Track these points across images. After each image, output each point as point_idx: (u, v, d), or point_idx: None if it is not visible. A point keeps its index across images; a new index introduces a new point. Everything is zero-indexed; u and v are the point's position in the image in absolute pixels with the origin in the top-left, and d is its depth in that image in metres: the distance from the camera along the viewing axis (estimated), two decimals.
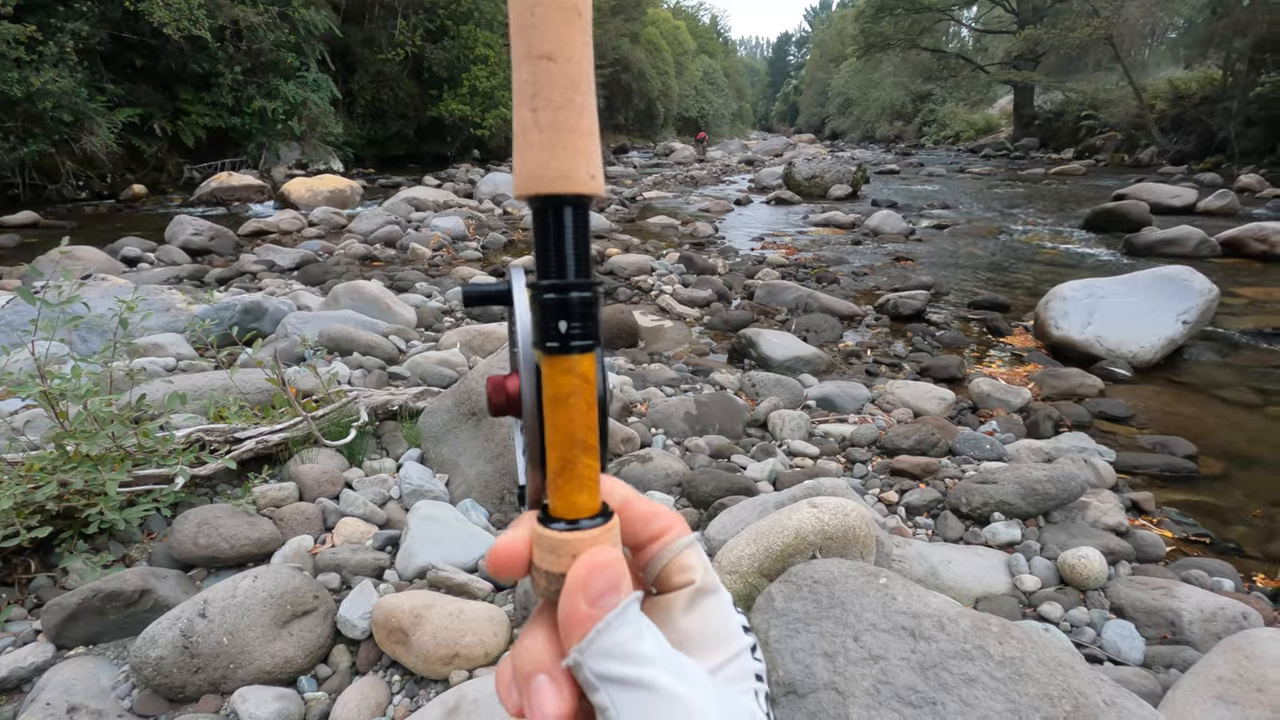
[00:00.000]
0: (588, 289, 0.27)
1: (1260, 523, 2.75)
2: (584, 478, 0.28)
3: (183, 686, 1.56)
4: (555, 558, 0.27)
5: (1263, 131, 15.55)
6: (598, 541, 0.28)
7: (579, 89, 0.26)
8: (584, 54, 0.26)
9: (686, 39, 48.13)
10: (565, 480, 0.28)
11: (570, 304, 0.27)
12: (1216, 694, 1.49)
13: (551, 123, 0.26)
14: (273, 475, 2.39)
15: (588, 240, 0.27)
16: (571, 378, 0.27)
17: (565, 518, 0.28)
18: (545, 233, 0.27)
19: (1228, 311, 5.34)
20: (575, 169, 0.26)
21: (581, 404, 0.27)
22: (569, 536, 0.27)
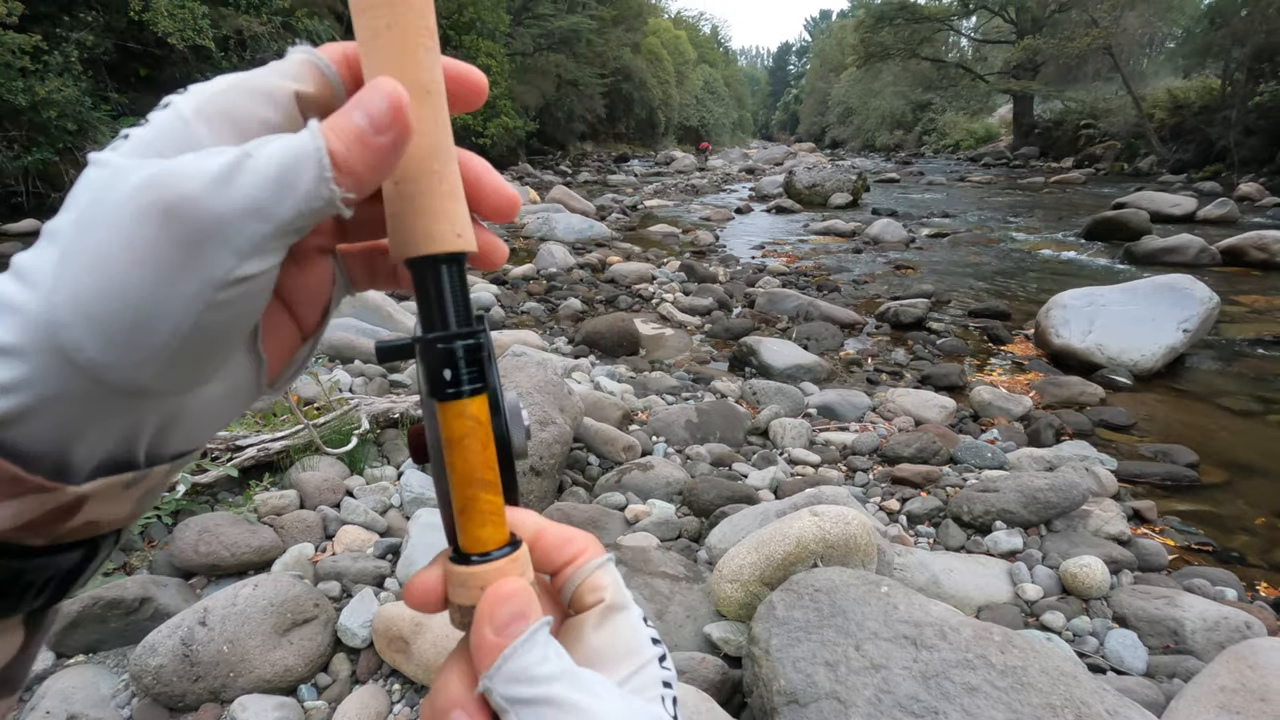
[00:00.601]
0: (470, 337, 0.29)
1: (1263, 531, 2.74)
2: (486, 513, 0.29)
3: (182, 695, 1.56)
4: (465, 590, 0.29)
5: (1262, 140, 15.61)
6: (504, 572, 0.29)
7: (435, 158, 0.27)
8: (435, 128, 0.27)
9: (687, 48, 48.43)
10: (468, 517, 0.29)
11: (453, 353, 0.28)
12: (1220, 704, 1.48)
13: (412, 193, 0.27)
14: (274, 483, 2.39)
15: (465, 293, 0.29)
16: (463, 420, 0.29)
17: (472, 552, 0.29)
18: (424, 290, 0.28)
19: (1228, 320, 5.34)
20: (440, 230, 0.28)
21: (476, 444, 0.29)
22: (475, 569, 0.29)
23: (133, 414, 0.23)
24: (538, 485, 2.47)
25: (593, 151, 31.54)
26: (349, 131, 0.24)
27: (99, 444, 0.23)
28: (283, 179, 0.22)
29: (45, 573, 0.23)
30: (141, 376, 0.21)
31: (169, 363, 0.22)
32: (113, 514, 0.25)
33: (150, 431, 0.24)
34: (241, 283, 0.22)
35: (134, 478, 0.24)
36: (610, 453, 2.88)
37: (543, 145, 27.06)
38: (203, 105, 0.23)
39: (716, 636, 1.70)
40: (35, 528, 0.22)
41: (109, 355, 0.21)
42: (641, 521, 2.37)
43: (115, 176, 0.21)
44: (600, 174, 21.81)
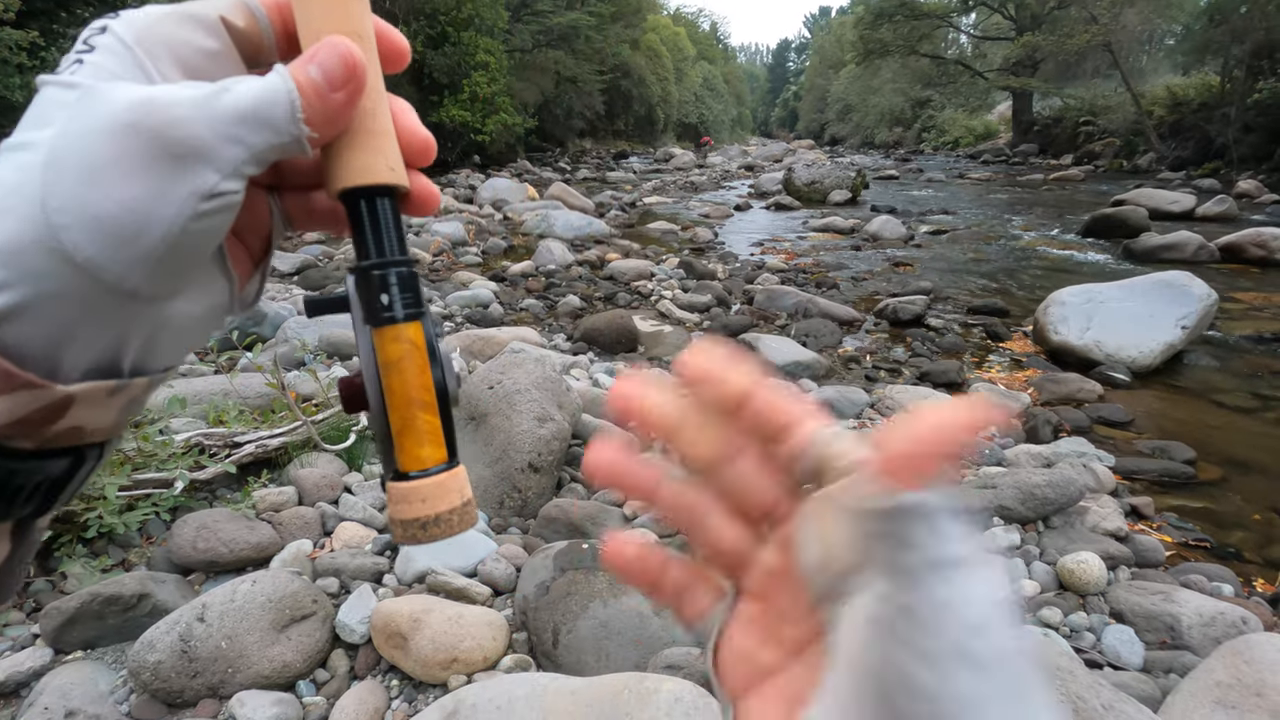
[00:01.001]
0: (404, 265, 0.30)
1: (1259, 528, 2.75)
2: (425, 432, 0.30)
3: (181, 691, 1.56)
4: (407, 505, 0.30)
5: (1261, 138, 15.60)
6: (445, 485, 0.30)
7: (368, 97, 0.28)
8: (372, 73, 0.29)
9: (686, 45, 48.34)
10: (407, 437, 0.30)
11: (388, 279, 0.29)
12: (1216, 699, 1.49)
13: (349, 129, 0.28)
14: (272, 479, 2.39)
15: (399, 224, 0.30)
16: (400, 344, 0.30)
17: (412, 469, 0.30)
18: (359, 220, 0.30)
19: (1226, 316, 5.35)
20: (374, 163, 0.29)
21: (414, 366, 0.30)
22: (416, 484, 0.30)
23: (121, 320, 0.24)
24: (536, 482, 2.47)
25: (592, 149, 31.50)
26: (308, 86, 0.26)
27: (89, 348, 0.24)
28: (258, 113, 0.25)
29: (35, 477, 0.24)
30: (134, 278, 0.23)
31: (158, 266, 0.24)
32: (97, 421, 0.25)
33: (137, 342, 0.26)
34: (220, 197, 0.24)
35: (118, 385, 0.25)
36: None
37: (541, 142, 27.01)
38: (141, 35, 0.25)
39: None
40: (25, 427, 0.23)
41: (106, 255, 0.22)
42: (640, 518, 2.38)
43: (93, 97, 0.23)
44: (599, 171, 21.78)
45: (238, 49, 0.28)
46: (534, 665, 1.72)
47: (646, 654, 1.67)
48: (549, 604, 1.77)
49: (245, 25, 0.28)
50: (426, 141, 0.31)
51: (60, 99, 0.23)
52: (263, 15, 0.28)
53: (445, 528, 0.30)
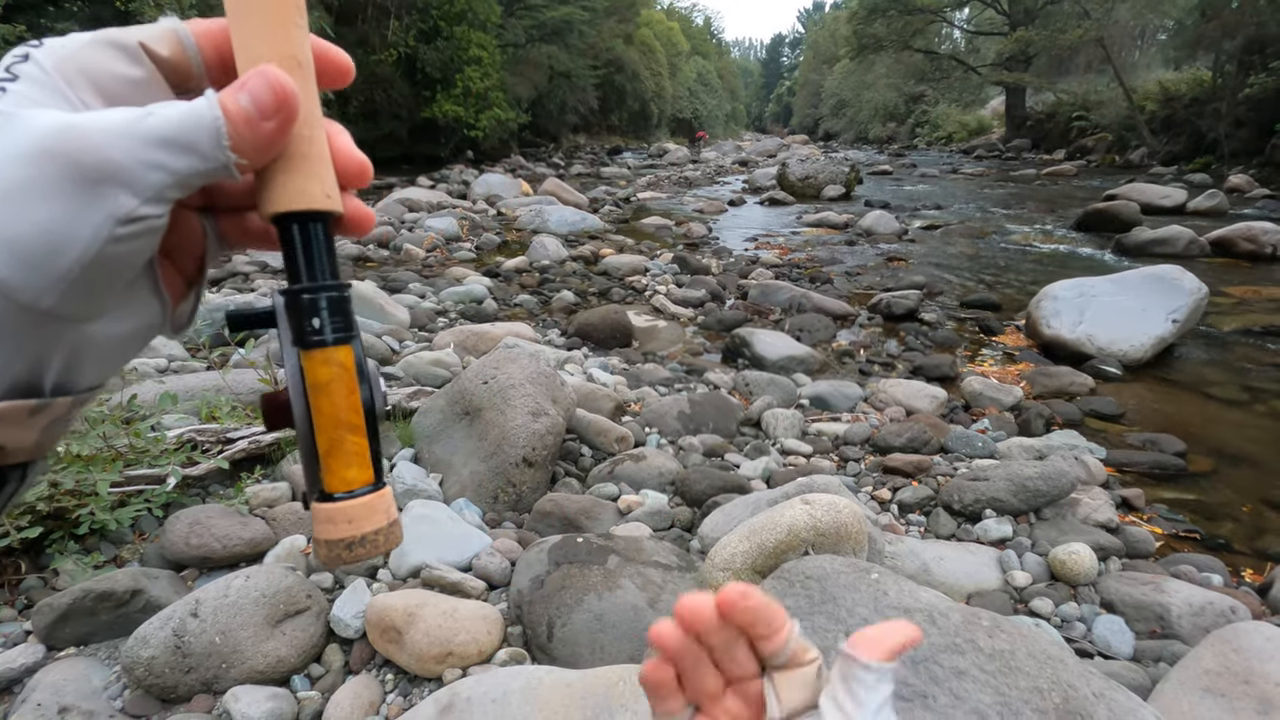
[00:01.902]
0: (335, 289, 0.30)
1: (1248, 519, 2.77)
2: (352, 453, 0.31)
3: (175, 686, 1.56)
4: (332, 526, 0.30)
5: (1252, 132, 15.68)
6: (371, 506, 0.31)
7: (306, 124, 0.29)
8: (306, 98, 0.28)
9: (680, 40, 48.20)
10: (335, 458, 0.31)
11: (319, 304, 0.30)
12: (1204, 686, 1.50)
13: (284, 154, 0.29)
14: (265, 475, 2.39)
15: (331, 249, 0.30)
16: (330, 367, 0.30)
17: (338, 491, 0.31)
18: (291, 244, 0.30)
19: (1216, 310, 5.38)
20: (310, 189, 0.29)
21: (342, 389, 0.30)
22: (342, 505, 0.30)
23: (39, 339, 0.25)
24: (531, 476, 2.47)
25: (585, 144, 31.40)
26: (237, 114, 0.26)
27: (6, 368, 0.24)
28: (181, 139, 0.25)
29: None
30: (49, 298, 0.23)
31: (74, 288, 0.24)
32: (18, 440, 0.26)
33: (58, 362, 0.26)
34: (139, 221, 0.24)
35: (38, 404, 0.25)
36: (603, 444, 2.88)
37: (535, 137, 26.90)
38: (62, 63, 0.25)
39: None
40: None
41: (19, 276, 0.23)
42: (634, 512, 2.38)
43: (12, 123, 0.23)
44: (593, 166, 21.73)
45: (165, 76, 0.28)
46: (529, 659, 1.72)
47: (641, 646, 1.67)
48: (544, 598, 1.77)
49: (171, 53, 0.28)
50: (362, 165, 0.32)
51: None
52: (191, 44, 0.28)
53: (370, 548, 0.31)
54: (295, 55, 0.28)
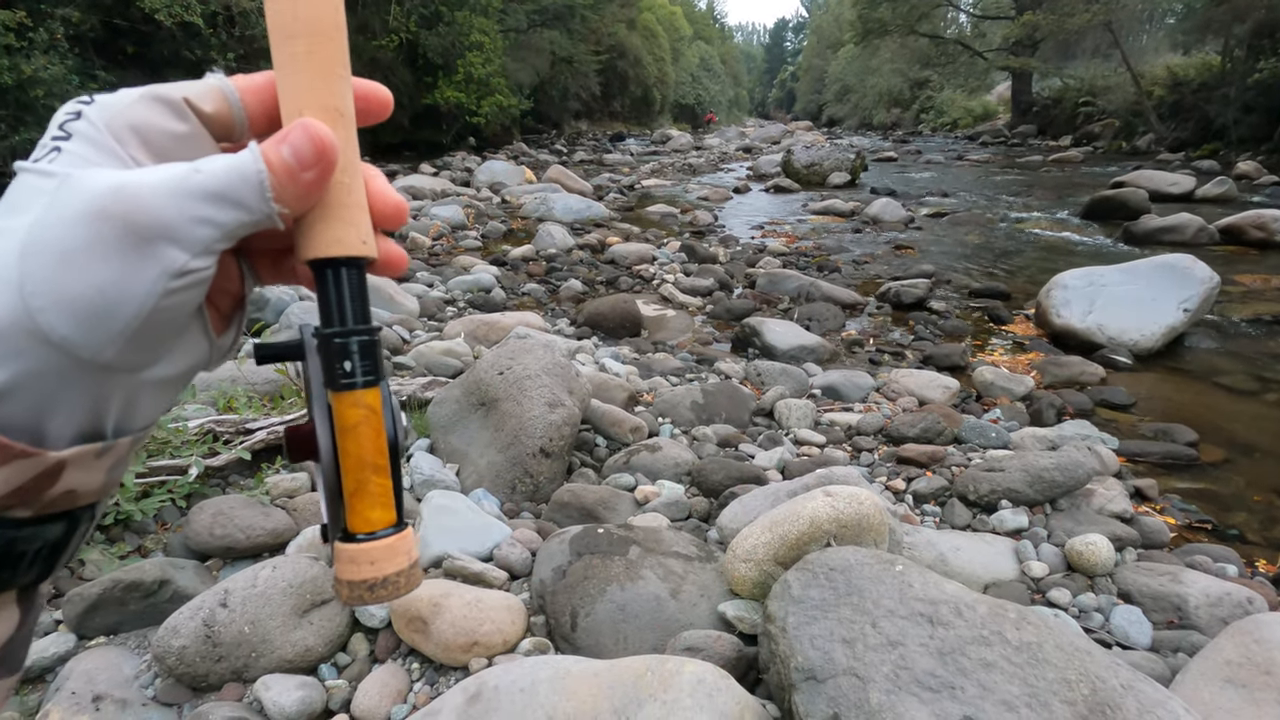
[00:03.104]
0: (366, 334, 0.31)
1: (1261, 509, 2.78)
2: (376, 495, 0.32)
3: (205, 675, 1.58)
4: (354, 566, 0.31)
5: (1261, 118, 15.53)
6: (393, 548, 0.31)
7: (345, 172, 0.30)
8: (345, 146, 0.30)
9: (683, 25, 47.74)
10: (359, 499, 0.31)
11: (350, 347, 0.31)
12: (1225, 677, 1.52)
13: (323, 201, 0.30)
14: (285, 466, 2.40)
15: (364, 294, 0.32)
16: (358, 409, 0.31)
17: (361, 531, 0.31)
18: (325, 289, 0.31)
19: (1226, 299, 5.36)
20: (347, 236, 0.30)
21: (370, 431, 0.31)
22: (365, 546, 0.31)
23: (100, 389, 0.26)
24: (548, 467, 2.49)
25: (588, 130, 31.20)
26: (279, 166, 0.27)
27: (72, 418, 0.26)
28: (228, 193, 0.26)
29: (35, 543, 0.26)
30: (108, 352, 0.25)
31: (130, 341, 0.25)
32: (88, 483, 0.27)
33: (117, 407, 0.27)
34: (189, 275, 0.26)
35: (104, 447, 0.27)
36: (618, 434, 2.89)
37: (537, 124, 26.72)
38: (111, 120, 0.27)
39: (731, 615, 1.72)
40: (22, 495, 0.25)
41: (80, 334, 0.24)
42: (651, 502, 2.39)
43: (68, 186, 0.25)
44: (596, 153, 21.61)
45: (209, 130, 0.29)
46: (552, 648, 1.74)
47: (664, 637, 1.69)
48: (566, 588, 1.79)
49: (215, 109, 0.29)
50: (398, 207, 0.33)
51: (38, 186, 0.25)
52: (235, 98, 0.30)
53: (392, 590, 0.32)
54: (337, 106, 0.29)
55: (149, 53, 13.48)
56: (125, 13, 12.59)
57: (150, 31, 12.98)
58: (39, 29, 10.76)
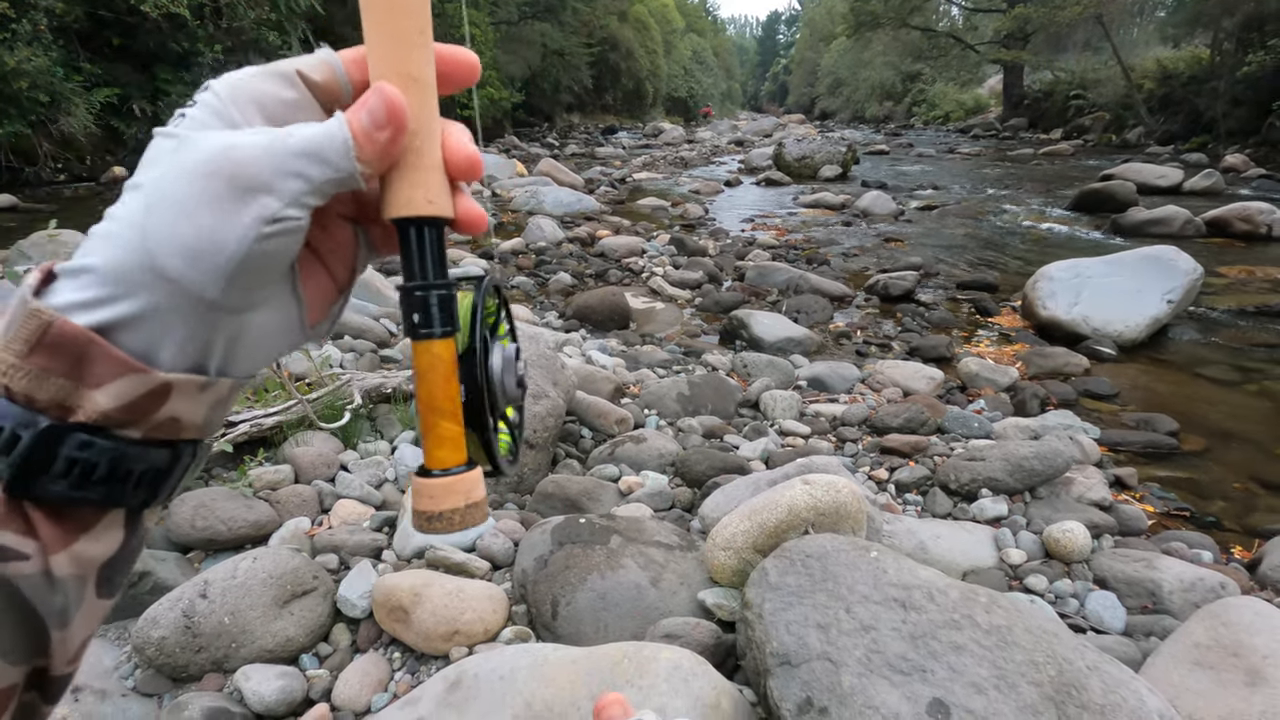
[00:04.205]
0: (440, 288, 0.33)
1: (1239, 497, 2.82)
2: (444, 437, 0.34)
3: (185, 666, 1.58)
4: (419, 499, 0.34)
5: (1249, 111, 15.62)
6: (451, 488, 0.34)
7: (418, 136, 0.32)
8: (420, 111, 0.32)
9: (675, 17, 47.57)
10: (429, 439, 0.34)
11: (424, 299, 0.33)
12: (1194, 659, 1.54)
13: (400, 162, 0.32)
14: (268, 458, 2.40)
15: (438, 250, 0.34)
16: (428, 357, 0.34)
17: (434, 468, 0.34)
18: (406, 246, 0.33)
19: (1211, 291, 5.41)
20: (414, 196, 0.32)
21: (438, 378, 0.34)
22: (429, 481, 0.34)
23: (206, 325, 0.29)
24: (532, 458, 2.49)
25: (580, 123, 31.10)
26: (359, 128, 0.30)
27: (181, 349, 0.29)
28: (317, 152, 0.29)
29: (141, 464, 0.29)
30: (212, 290, 0.28)
31: (232, 280, 0.28)
32: (191, 415, 0.30)
33: (220, 348, 0.30)
34: (282, 222, 0.29)
35: (206, 382, 0.30)
36: (603, 425, 2.90)
37: (529, 117, 26.62)
38: (234, 90, 0.30)
39: (710, 602, 1.74)
40: (133, 411, 0.28)
41: (190, 271, 0.28)
42: (635, 493, 2.41)
43: (185, 145, 0.29)
44: (588, 146, 21.54)
45: (316, 98, 0.32)
46: (533, 637, 1.75)
47: (643, 624, 1.70)
48: (548, 577, 1.80)
49: (323, 79, 0.32)
50: (470, 160, 0.34)
51: (165, 147, 0.29)
52: (341, 70, 0.33)
53: (445, 524, 0.34)
54: (411, 72, 0.32)
55: (134, 44, 13.34)
56: (110, 4, 12.44)
57: (136, 23, 12.84)
58: (22, 20, 10.64)
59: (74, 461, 0.27)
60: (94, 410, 0.27)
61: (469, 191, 0.35)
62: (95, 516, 0.29)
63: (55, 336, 0.26)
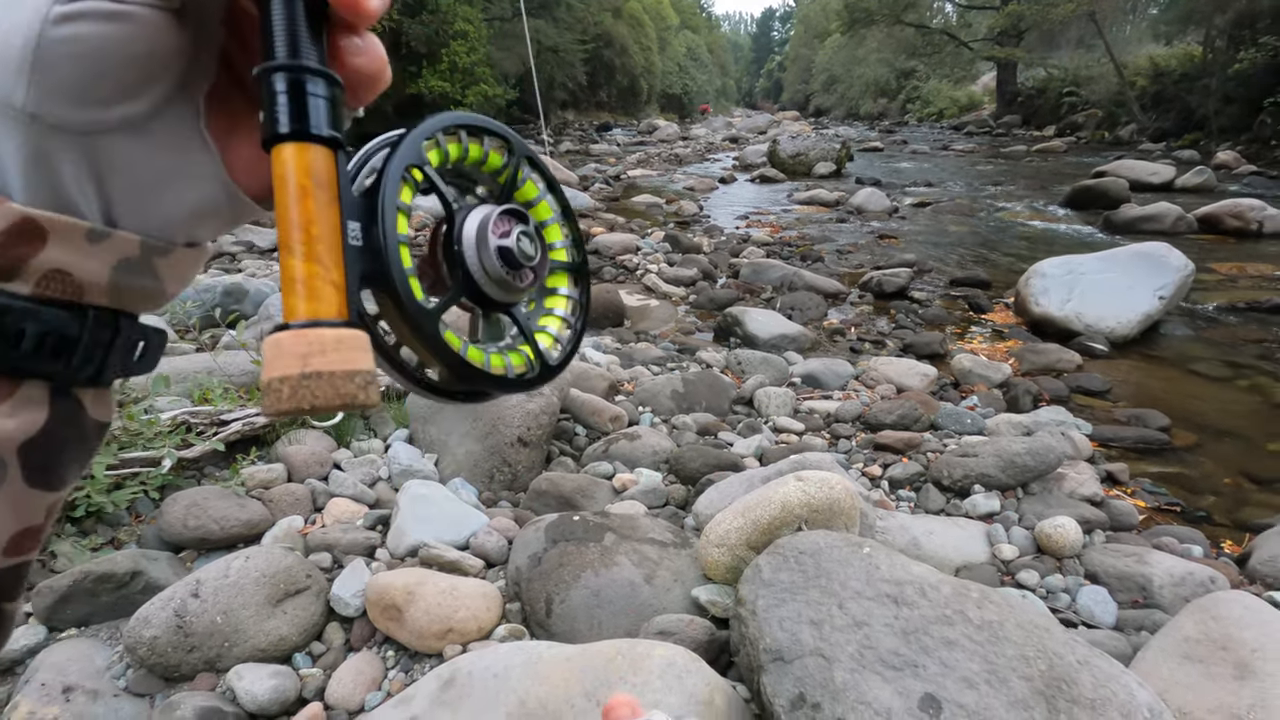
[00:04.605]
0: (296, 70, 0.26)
1: (1229, 492, 2.84)
2: (291, 279, 0.26)
3: (178, 665, 1.58)
4: (264, 365, 0.26)
5: (1240, 109, 15.69)
6: (284, 345, 0.25)
7: None
8: None
9: (669, 14, 47.46)
10: (281, 283, 0.27)
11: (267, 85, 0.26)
12: (1184, 653, 1.56)
13: None
14: (260, 457, 2.39)
15: (305, 23, 0.26)
16: (279, 165, 0.27)
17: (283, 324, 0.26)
18: (265, 19, 0.26)
19: (1202, 287, 5.44)
20: None
21: (286, 197, 0.27)
22: (269, 339, 0.26)
23: (37, 143, 0.25)
24: (526, 456, 2.49)
25: (574, 120, 31.02)
26: None
27: (24, 176, 0.25)
28: None
29: (33, 322, 0.25)
30: (17, 94, 0.24)
31: (31, 80, 0.24)
32: (84, 270, 0.26)
33: (78, 179, 0.26)
34: (86, 2, 0.24)
35: (92, 229, 0.26)
36: (597, 423, 2.90)
37: (523, 114, 26.53)
38: None
39: (704, 599, 1.74)
40: (3, 254, 0.24)
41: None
42: (629, 490, 2.41)
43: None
44: (582, 143, 21.51)
45: None
46: (527, 634, 1.75)
47: (637, 621, 1.70)
48: (541, 575, 1.80)
49: None
50: None
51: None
52: None
53: (273, 399, 0.25)
54: None
55: None
56: None
57: None
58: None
59: None
60: None
61: None
62: (3, 391, 0.26)
63: None
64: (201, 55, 0.28)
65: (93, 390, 0.29)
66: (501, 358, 0.34)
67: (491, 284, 0.33)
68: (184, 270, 0.31)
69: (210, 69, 0.29)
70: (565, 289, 0.40)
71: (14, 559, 0.28)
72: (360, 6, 0.26)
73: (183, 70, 0.27)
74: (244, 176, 0.30)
